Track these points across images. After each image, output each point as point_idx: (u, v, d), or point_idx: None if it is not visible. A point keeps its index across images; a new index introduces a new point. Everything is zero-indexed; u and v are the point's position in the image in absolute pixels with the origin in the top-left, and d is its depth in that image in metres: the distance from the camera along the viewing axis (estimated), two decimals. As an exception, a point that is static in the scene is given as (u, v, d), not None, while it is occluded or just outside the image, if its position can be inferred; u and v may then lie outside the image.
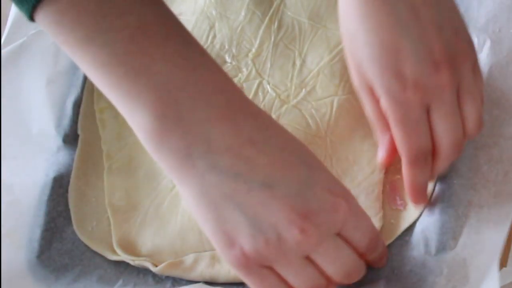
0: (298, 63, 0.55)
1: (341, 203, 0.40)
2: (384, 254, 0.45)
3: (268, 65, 0.55)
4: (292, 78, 0.54)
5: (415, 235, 0.46)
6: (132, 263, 0.50)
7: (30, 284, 0.50)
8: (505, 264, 0.45)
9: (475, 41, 0.50)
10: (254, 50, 0.56)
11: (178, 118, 0.38)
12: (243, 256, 0.39)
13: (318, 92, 0.53)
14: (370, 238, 0.42)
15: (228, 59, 0.56)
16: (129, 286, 0.50)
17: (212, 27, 0.58)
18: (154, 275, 0.50)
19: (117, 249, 0.51)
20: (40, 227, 0.52)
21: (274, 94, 0.54)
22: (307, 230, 0.38)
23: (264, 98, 0.54)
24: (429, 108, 0.43)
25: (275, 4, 0.58)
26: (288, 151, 0.40)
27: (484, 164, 0.47)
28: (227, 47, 0.57)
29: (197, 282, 0.48)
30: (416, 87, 0.42)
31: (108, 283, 0.50)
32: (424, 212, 0.47)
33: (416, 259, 0.45)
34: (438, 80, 0.42)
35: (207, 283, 0.48)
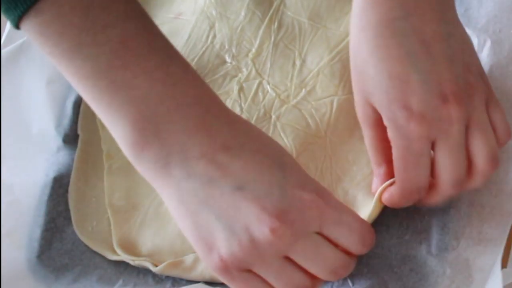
0: (298, 63, 0.55)
1: (315, 200, 0.40)
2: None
3: (268, 65, 0.55)
4: (292, 78, 0.54)
5: (416, 235, 0.46)
6: (132, 263, 0.50)
7: (30, 284, 0.50)
8: (505, 265, 0.45)
9: (475, 41, 0.50)
10: (254, 50, 0.56)
11: (156, 131, 0.39)
12: (221, 261, 0.39)
13: (318, 92, 0.53)
14: (360, 233, 0.41)
15: (228, 59, 0.56)
16: (129, 286, 0.49)
17: (212, 27, 0.58)
18: (154, 275, 0.50)
19: (117, 249, 0.50)
20: (40, 227, 0.52)
21: (274, 94, 0.54)
22: (278, 229, 0.38)
23: (264, 98, 0.54)
24: (434, 142, 0.42)
25: (275, 4, 0.58)
26: (262, 154, 0.41)
27: (485, 164, 0.47)
28: (227, 47, 0.57)
29: (197, 282, 0.48)
30: (421, 119, 0.41)
31: (108, 283, 0.50)
32: (425, 212, 0.47)
33: (417, 258, 0.45)
34: (445, 113, 0.41)
35: (207, 283, 0.48)
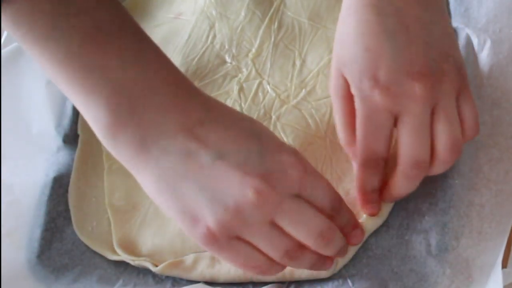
0: (298, 63, 0.55)
1: (293, 162, 0.40)
2: (354, 224, 0.45)
3: (268, 65, 0.55)
4: (292, 78, 0.54)
5: (416, 235, 0.46)
6: (132, 263, 0.50)
7: (30, 284, 0.50)
8: (505, 265, 0.45)
9: (475, 41, 0.50)
10: (254, 50, 0.56)
11: (131, 110, 0.40)
12: (209, 231, 0.39)
13: (318, 92, 0.53)
14: (331, 197, 0.42)
15: (228, 59, 0.56)
16: (129, 286, 0.49)
17: (212, 27, 0.58)
18: (154, 275, 0.50)
19: (117, 249, 0.50)
20: (40, 227, 0.52)
21: (274, 94, 0.54)
22: (262, 191, 0.39)
23: (264, 98, 0.54)
24: (398, 118, 0.43)
25: (275, 4, 0.58)
26: (237, 126, 0.41)
27: (485, 164, 0.47)
28: (227, 47, 0.57)
29: (197, 282, 0.48)
30: (386, 91, 0.42)
31: (108, 283, 0.50)
32: (425, 212, 0.47)
33: (416, 258, 0.45)
34: (409, 89, 0.42)
35: (207, 283, 0.48)
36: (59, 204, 0.53)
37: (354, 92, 0.44)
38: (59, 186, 0.54)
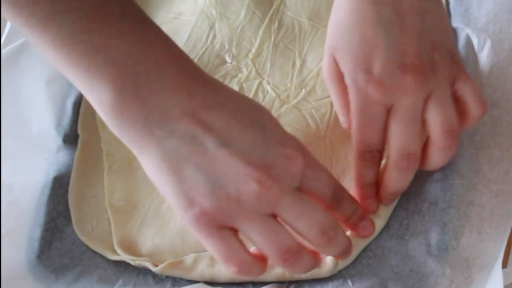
0: (298, 63, 0.55)
1: (296, 156, 0.41)
2: (361, 216, 0.45)
3: (268, 65, 0.55)
4: (292, 78, 0.54)
5: (416, 235, 0.46)
6: (132, 263, 0.50)
7: (30, 284, 0.50)
8: (505, 265, 0.45)
9: (475, 41, 0.50)
10: (254, 50, 0.56)
11: (135, 91, 0.40)
12: (203, 214, 0.39)
13: (318, 92, 0.53)
14: (333, 188, 0.42)
15: (228, 59, 0.56)
16: (129, 286, 0.49)
17: (212, 27, 0.58)
18: (154, 275, 0.50)
19: (117, 249, 0.50)
20: (40, 227, 0.52)
21: (274, 94, 0.54)
22: (265, 182, 0.39)
23: (264, 98, 0.54)
24: (390, 110, 0.43)
25: (275, 4, 0.58)
26: (241, 112, 0.41)
27: (484, 164, 0.47)
28: (227, 47, 0.57)
29: (197, 282, 0.48)
30: (379, 85, 0.43)
31: (108, 283, 0.50)
32: (425, 212, 0.47)
33: (416, 258, 0.45)
34: (401, 83, 0.42)
35: (207, 283, 0.48)
36: (59, 204, 0.53)
37: (348, 82, 0.45)
38: (59, 186, 0.54)
